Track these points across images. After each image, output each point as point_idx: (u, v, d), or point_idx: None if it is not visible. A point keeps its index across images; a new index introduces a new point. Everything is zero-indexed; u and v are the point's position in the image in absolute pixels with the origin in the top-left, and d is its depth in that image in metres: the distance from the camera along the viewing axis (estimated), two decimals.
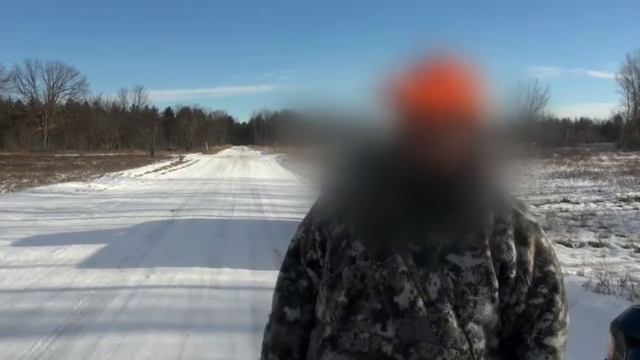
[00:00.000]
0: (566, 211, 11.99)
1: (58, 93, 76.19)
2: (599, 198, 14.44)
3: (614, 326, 2.31)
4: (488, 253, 1.21)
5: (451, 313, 1.18)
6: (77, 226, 10.21)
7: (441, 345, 1.17)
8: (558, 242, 8.40)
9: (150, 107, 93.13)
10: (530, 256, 1.24)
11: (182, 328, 4.63)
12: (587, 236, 8.94)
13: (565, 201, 13.63)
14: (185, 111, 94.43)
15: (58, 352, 4.08)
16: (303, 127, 1.60)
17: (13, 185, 19.72)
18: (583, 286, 5.68)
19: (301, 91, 1.59)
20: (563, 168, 27.87)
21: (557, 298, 1.26)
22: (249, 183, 21.91)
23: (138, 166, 33.31)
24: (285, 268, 1.44)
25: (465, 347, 1.19)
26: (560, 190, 16.60)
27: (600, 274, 6.08)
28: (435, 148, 1.20)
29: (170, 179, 24.98)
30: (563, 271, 4.71)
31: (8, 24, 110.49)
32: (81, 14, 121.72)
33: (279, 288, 1.44)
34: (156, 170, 30.77)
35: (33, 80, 74.38)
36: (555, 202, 13.58)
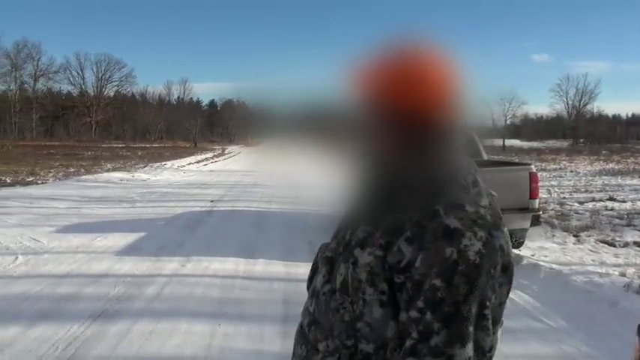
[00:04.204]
0: (612, 209, 11.62)
1: (106, 85, 78.47)
2: None
3: None
4: (380, 252, 1.14)
5: (346, 305, 1.18)
6: (119, 215, 10.45)
7: (330, 331, 1.20)
8: (601, 241, 8.15)
9: (194, 99, 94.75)
10: (422, 263, 1.08)
11: (213, 317, 4.69)
12: (632, 236, 8.63)
13: (611, 199, 13.21)
14: (228, 103, 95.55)
15: (92, 337, 4.18)
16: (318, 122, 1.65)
17: (61, 174, 20.35)
18: (624, 287, 5.49)
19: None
20: (611, 165, 27.07)
21: (429, 318, 1.06)
22: (289, 176, 21.99)
23: (181, 157, 33.91)
24: None
25: (350, 343, 1.17)
26: (607, 188, 16.10)
27: None
28: (368, 140, 1.25)
29: (211, 170, 25.35)
30: (604, 271, 4.54)
31: (59, 18, 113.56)
32: (129, 7, 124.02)
33: None
34: (198, 161, 31.27)
35: (82, 72, 76.79)
36: (601, 200, 13.18)
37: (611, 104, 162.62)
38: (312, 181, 18.46)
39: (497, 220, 1.15)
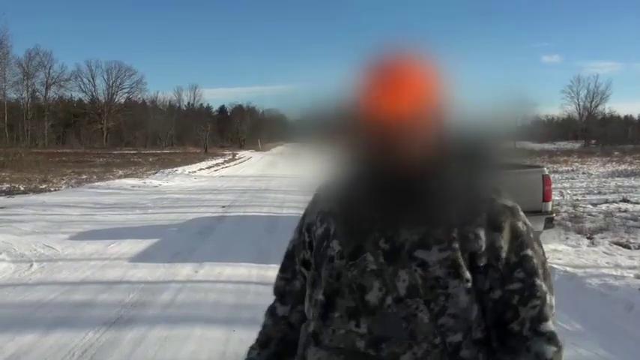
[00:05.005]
0: (626, 211, 11.52)
1: (117, 92, 78.75)
2: None
3: None
4: (456, 245, 1.21)
5: (421, 307, 1.21)
6: (132, 221, 10.52)
7: (411, 339, 1.20)
8: (615, 243, 8.08)
9: (204, 105, 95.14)
10: (503, 241, 1.23)
11: (228, 322, 4.70)
12: None
13: (624, 201, 13.10)
14: (238, 109, 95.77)
15: (107, 344, 4.20)
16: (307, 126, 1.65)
17: (73, 181, 20.52)
18: None
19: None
20: (623, 166, 26.84)
21: (538, 281, 1.25)
22: (300, 180, 22.01)
23: (192, 163, 34.01)
24: (282, 269, 1.56)
25: (437, 341, 1.20)
26: (620, 190, 15.97)
27: None
28: (392, 150, 1.22)
29: (222, 176, 25.42)
30: (619, 274, 4.52)
31: (70, 26, 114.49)
32: (139, 14, 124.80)
33: (276, 287, 1.56)
34: (209, 167, 31.37)
35: (93, 79, 77.12)
36: (614, 201, 13.07)
37: (623, 105, 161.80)
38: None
39: None
